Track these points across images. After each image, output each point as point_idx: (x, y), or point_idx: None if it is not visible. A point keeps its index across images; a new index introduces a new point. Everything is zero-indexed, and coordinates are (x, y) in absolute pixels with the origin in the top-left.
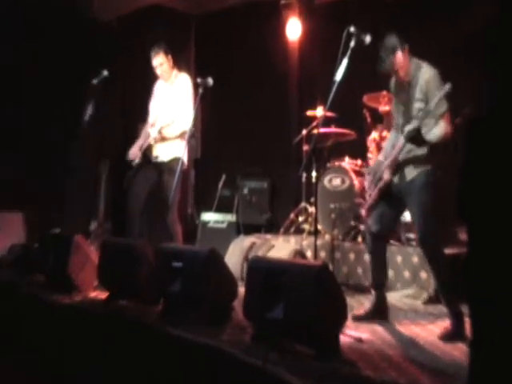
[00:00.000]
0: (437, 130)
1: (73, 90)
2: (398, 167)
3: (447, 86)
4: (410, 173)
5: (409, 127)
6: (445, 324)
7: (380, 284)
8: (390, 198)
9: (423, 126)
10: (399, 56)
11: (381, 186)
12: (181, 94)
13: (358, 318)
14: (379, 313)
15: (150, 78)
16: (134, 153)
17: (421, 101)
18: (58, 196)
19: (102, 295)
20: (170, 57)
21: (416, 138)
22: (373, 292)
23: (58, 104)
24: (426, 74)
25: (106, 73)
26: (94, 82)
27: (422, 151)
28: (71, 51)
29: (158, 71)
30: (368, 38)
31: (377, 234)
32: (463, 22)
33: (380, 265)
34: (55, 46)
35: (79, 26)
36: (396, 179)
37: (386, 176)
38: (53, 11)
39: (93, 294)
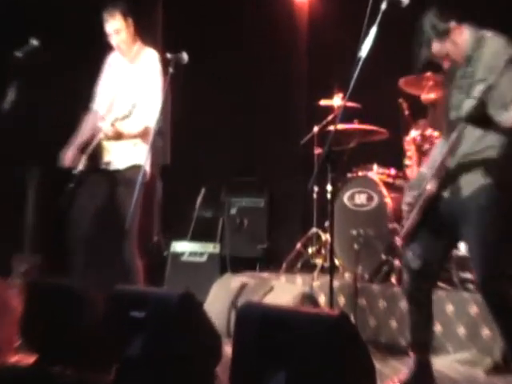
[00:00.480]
0: (509, 112)
1: None
2: (448, 177)
3: None
4: (468, 186)
5: (468, 101)
6: None
7: (422, 344)
8: (438, 221)
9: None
10: (436, 45)
11: (423, 202)
12: (146, 77)
13: None
14: None
15: (100, 50)
16: (72, 157)
17: (484, 82)
18: None
19: (28, 359)
20: (130, 22)
21: (480, 116)
22: (412, 355)
23: None
24: (491, 45)
25: (35, 42)
26: (19, 54)
27: (486, 154)
28: None
29: (114, 41)
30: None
31: (419, 273)
32: None
33: (423, 317)
34: None
35: None
36: (446, 194)
37: (430, 187)
38: None
39: (14, 359)
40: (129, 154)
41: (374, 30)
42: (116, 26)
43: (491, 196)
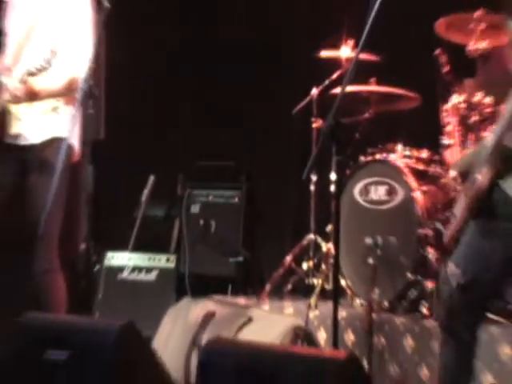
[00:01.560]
0: None
1: None
2: (508, 162)
3: None
4: None
5: None
6: None
7: None
8: (491, 228)
9: None
10: None
11: (472, 196)
12: (69, 6)
13: None
14: None
15: None
16: None
17: None
18: None
19: None
20: None
21: None
22: None
23: None
24: None
25: None
26: None
27: None
28: None
29: None
30: None
31: (463, 294)
32: None
33: (462, 361)
34: None
35: None
36: (496, 193)
37: (482, 178)
38: None
39: None
40: (46, 123)
41: None
42: None
43: None
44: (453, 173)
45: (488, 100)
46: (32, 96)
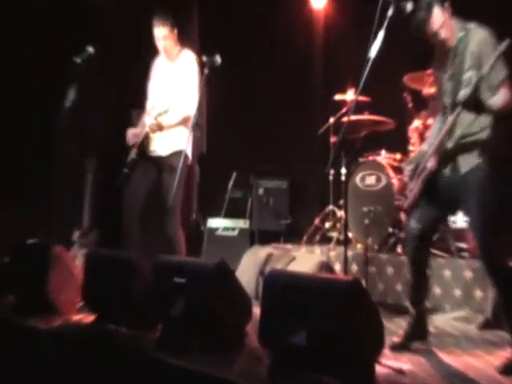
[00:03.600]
0: (499, 97)
1: (52, 70)
2: (447, 155)
3: (505, 43)
4: (466, 163)
5: (464, 90)
6: (506, 354)
7: (419, 299)
8: (437, 193)
9: (479, 95)
10: (437, 13)
11: (424, 177)
12: (184, 74)
13: (396, 347)
14: (418, 335)
15: (146, 55)
16: (132, 139)
17: (472, 69)
18: (33, 198)
19: (88, 318)
20: (175, 31)
21: (474, 102)
22: (411, 310)
23: (34, 90)
24: (476, 35)
25: (91, 49)
26: (77, 60)
27: (480, 135)
28: (51, 24)
29: (161, 45)
30: (410, 6)
31: (418, 236)
32: None
33: (421, 277)
34: (33, 19)
35: None
36: (447, 171)
37: (431, 164)
38: None
39: (76, 318)
40: (170, 142)
41: (381, 34)
42: (165, 33)
43: (486, 173)
44: (406, 165)
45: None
46: (160, 127)
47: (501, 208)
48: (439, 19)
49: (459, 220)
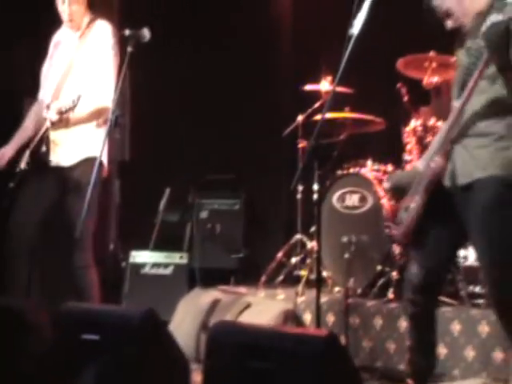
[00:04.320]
0: None
1: None
2: (451, 152)
3: None
4: (468, 171)
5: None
6: None
7: (425, 371)
8: (443, 212)
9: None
10: None
11: (426, 185)
12: (96, 51)
13: None
14: None
15: (44, 26)
16: (8, 157)
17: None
18: None
19: None
20: None
21: (502, 40)
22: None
23: None
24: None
25: None
26: None
27: (494, 127)
28: None
29: (65, 10)
30: None
31: (423, 285)
32: None
33: (425, 339)
34: None
35: None
36: (447, 179)
37: (435, 164)
38: None
39: None
40: (80, 146)
41: (367, 3)
42: None
43: (502, 192)
44: (386, 184)
45: (440, 124)
46: (66, 123)
47: None
48: None
49: (471, 255)
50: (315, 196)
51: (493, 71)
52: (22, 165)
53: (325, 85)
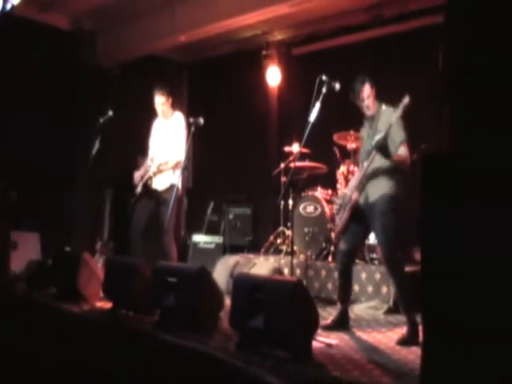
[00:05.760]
0: (400, 151)
1: (83, 127)
2: (363, 187)
3: (406, 99)
4: (373, 195)
5: (377, 137)
6: (402, 331)
7: (345, 298)
8: (359, 218)
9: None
10: (367, 87)
11: (350, 206)
12: (176, 130)
13: (327, 328)
14: (342, 323)
15: (147, 117)
16: (137, 179)
17: (381, 132)
18: (70, 219)
19: (107, 305)
20: (170, 99)
21: (383, 147)
22: (338, 305)
23: (72, 140)
24: (386, 111)
25: (110, 113)
26: (101, 120)
27: (386, 175)
28: (83, 94)
29: (159, 109)
30: (337, 86)
31: (346, 254)
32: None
33: (347, 282)
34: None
35: (86, 71)
36: (361, 200)
37: (354, 196)
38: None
39: (99, 304)
40: (167, 179)
41: (318, 105)
42: (162, 100)
43: (388, 205)
44: (335, 203)
45: (356, 169)
46: (160, 171)
47: (397, 232)
48: (368, 91)
49: (371, 238)
50: (290, 207)
51: (381, 153)
52: (138, 190)
53: (295, 147)
